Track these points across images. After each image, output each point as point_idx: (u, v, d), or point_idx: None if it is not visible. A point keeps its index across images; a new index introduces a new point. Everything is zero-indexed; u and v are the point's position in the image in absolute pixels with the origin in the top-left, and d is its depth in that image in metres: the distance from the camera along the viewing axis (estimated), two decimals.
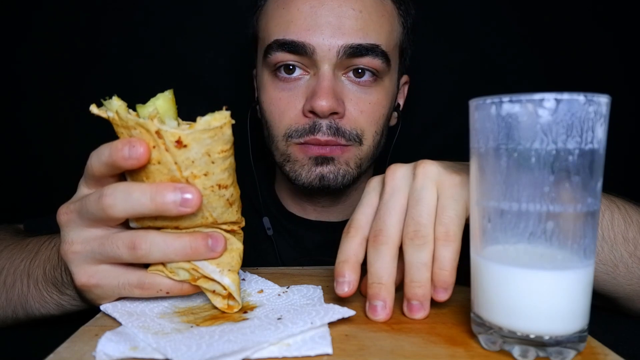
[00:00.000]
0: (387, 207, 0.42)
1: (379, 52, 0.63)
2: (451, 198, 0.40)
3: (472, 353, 0.36)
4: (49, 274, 0.52)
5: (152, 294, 0.42)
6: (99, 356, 0.34)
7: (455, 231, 0.40)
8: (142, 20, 0.97)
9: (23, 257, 0.56)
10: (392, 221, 0.41)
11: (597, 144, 0.33)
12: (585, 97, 0.32)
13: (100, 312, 0.44)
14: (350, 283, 0.42)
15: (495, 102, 0.33)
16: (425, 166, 0.42)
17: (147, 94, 1.05)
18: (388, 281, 0.41)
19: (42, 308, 0.53)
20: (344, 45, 0.61)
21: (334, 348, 0.36)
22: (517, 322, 0.34)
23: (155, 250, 0.39)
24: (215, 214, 0.41)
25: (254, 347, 0.35)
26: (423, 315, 0.41)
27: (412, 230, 0.40)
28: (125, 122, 0.38)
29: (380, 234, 0.41)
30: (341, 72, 0.64)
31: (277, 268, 0.59)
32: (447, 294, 0.40)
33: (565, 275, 0.33)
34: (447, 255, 0.39)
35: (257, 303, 0.45)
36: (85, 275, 0.42)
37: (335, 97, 0.62)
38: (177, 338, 0.36)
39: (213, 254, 0.40)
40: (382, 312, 0.41)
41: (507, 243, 0.34)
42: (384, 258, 0.41)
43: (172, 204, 0.37)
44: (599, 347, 0.37)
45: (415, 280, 0.40)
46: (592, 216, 0.33)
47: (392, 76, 0.69)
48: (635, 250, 0.48)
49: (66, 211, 0.42)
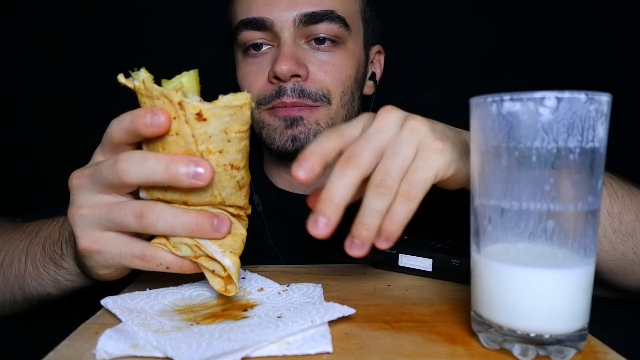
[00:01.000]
0: (368, 140, 0.41)
1: (335, 17, 0.67)
2: (426, 162, 0.40)
3: (472, 352, 0.36)
4: (47, 250, 0.53)
5: (152, 267, 0.42)
6: (99, 354, 0.34)
7: (417, 193, 0.40)
8: (142, 21, 0.97)
9: (22, 238, 0.57)
10: (368, 154, 0.40)
11: (598, 142, 0.33)
12: (587, 95, 0.31)
13: (101, 309, 0.44)
14: (311, 173, 0.40)
15: (496, 101, 0.33)
16: (415, 123, 0.41)
17: None
18: (340, 203, 0.40)
19: (39, 286, 0.54)
20: (298, 15, 0.66)
21: (334, 346, 0.36)
22: (518, 321, 0.34)
23: (161, 221, 0.40)
24: (225, 194, 0.41)
25: (254, 345, 0.35)
26: (359, 254, 0.41)
27: (380, 178, 0.40)
28: (150, 92, 0.39)
29: (353, 159, 0.40)
30: (302, 40, 0.68)
31: (277, 266, 0.59)
32: (388, 244, 0.41)
33: (566, 274, 0.33)
34: (401, 212, 0.40)
35: (257, 301, 0.45)
36: (89, 239, 0.42)
37: (295, 61, 0.66)
38: (177, 336, 0.36)
39: (217, 234, 0.41)
40: (324, 228, 0.39)
41: (508, 242, 0.34)
42: (347, 181, 0.40)
43: (185, 175, 0.38)
44: (599, 345, 0.37)
45: (365, 223, 0.40)
46: (592, 215, 0.33)
47: (356, 41, 0.72)
48: (619, 226, 0.49)
49: (79, 175, 0.42)
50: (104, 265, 0.43)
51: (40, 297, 0.55)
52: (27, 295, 0.55)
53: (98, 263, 0.43)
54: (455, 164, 0.42)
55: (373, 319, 0.42)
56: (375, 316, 0.43)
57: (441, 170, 0.41)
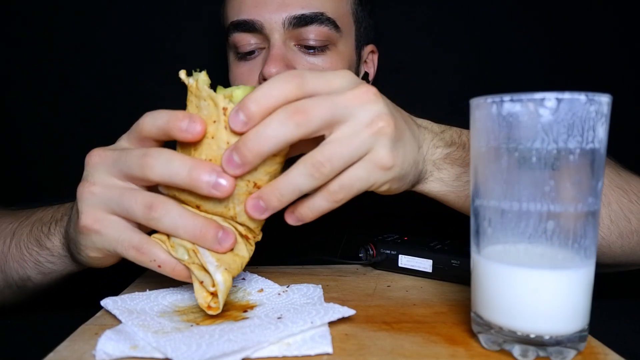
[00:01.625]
0: (330, 107, 0.38)
1: (325, 19, 0.66)
2: (367, 173, 0.39)
3: (472, 352, 0.36)
4: (34, 231, 0.53)
5: (145, 261, 0.41)
6: (99, 355, 0.34)
7: (343, 198, 0.40)
8: (140, 20, 0.97)
9: (11, 221, 0.57)
10: (321, 120, 0.37)
11: (598, 143, 0.33)
12: (587, 96, 0.31)
13: (101, 310, 0.44)
14: (248, 124, 0.37)
15: (496, 102, 0.33)
16: (384, 127, 0.39)
17: (146, 93, 1.05)
18: (263, 153, 0.37)
19: (20, 268, 0.54)
20: (288, 17, 0.65)
21: (334, 347, 0.36)
22: (518, 322, 0.34)
23: (168, 217, 0.40)
24: (238, 209, 0.41)
25: (254, 346, 0.35)
26: (257, 215, 0.40)
27: (319, 160, 0.37)
28: (199, 92, 0.40)
29: (302, 116, 0.37)
30: (292, 42, 0.67)
31: (277, 267, 0.59)
32: (296, 223, 0.41)
33: (566, 274, 0.33)
34: (322, 206, 0.40)
35: (257, 302, 0.45)
36: (92, 217, 0.41)
37: (285, 63, 0.65)
38: (177, 337, 0.36)
39: (217, 247, 0.40)
40: (235, 168, 0.38)
41: (508, 243, 0.34)
42: (282, 134, 0.37)
43: (206, 183, 0.38)
44: (600, 346, 0.37)
45: (281, 194, 0.38)
46: (592, 216, 0.33)
47: (347, 43, 0.71)
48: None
49: (100, 154, 0.42)
50: (98, 247, 0.42)
51: (21, 280, 0.55)
52: (8, 279, 0.55)
53: (93, 244, 0.42)
54: (390, 184, 0.42)
55: (373, 319, 0.42)
56: (375, 317, 0.43)
57: (376, 185, 0.41)
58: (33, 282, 0.55)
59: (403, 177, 0.43)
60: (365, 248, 0.60)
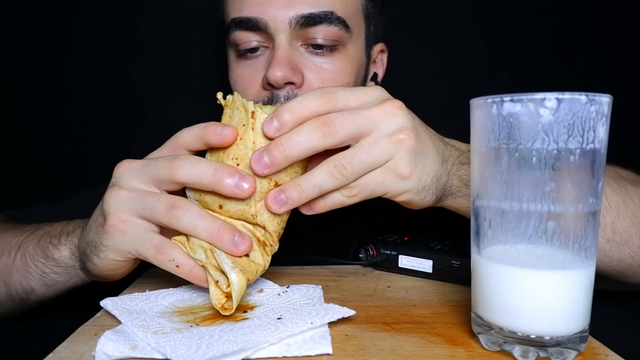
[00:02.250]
0: (356, 121, 0.41)
1: (334, 19, 0.62)
2: (384, 179, 0.43)
3: (473, 353, 0.36)
4: (42, 243, 0.54)
5: (163, 261, 0.43)
6: (99, 355, 0.34)
7: (357, 196, 0.43)
8: (140, 20, 0.97)
9: (17, 235, 0.58)
10: (347, 133, 0.41)
11: (599, 143, 0.33)
12: (587, 96, 0.31)
13: (100, 310, 0.44)
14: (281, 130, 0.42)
15: (497, 102, 0.33)
16: (404, 140, 0.42)
17: (146, 93, 1.05)
18: (291, 157, 0.41)
19: (24, 280, 0.54)
20: (295, 16, 0.60)
21: (334, 348, 0.36)
22: (518, 322, 0.34)
23: (188, 217, 0.42)
24: (259, 206, 0.43)
25: (254, 347, 0.35)
26: (276, 208, 0.43)
27: (342, 162, 0.41)
28: (233, 103, 0.44)
29: (330, 128, 0.41)
30: (299, 42, 0.63)
31: (277, 267, 0.59)
32: (309, 213, 0.45)
33: (566, 275, 0.33)
34: (336, 200, 0.43)
35: (257, 302, 0.45)
36: (118, 218, 0.43)
37: (290, 66, 0.61)
38: (176, 338, 0.36)
39: (233, 249, 0.41)
40: (264, 168, 0.41)
41: (508, 243, 0.34)
42: (311, 143, 0.41)
43: (228, 183, 0.41)
44: (600, 347, 0.37)
45: (302, 189, 0.42)
46: (593, 216, 0.33)
47: (357, 43, 0.67)
48: (614, 235, 0.48)
49: (129, 162, 0.45)
50: (120, 248, 0.44)
51: (24, 293, 0.55)
52: (11, 291, 0.55)
53: (116, 244, 0.44)
54: (410, 195, 0.44)
55: (373, 320, 0.42)
56: (375, 317, 0.43)
57: (391, 193, 0.44)
58: (36, 295, 0.55)
59: (423, 189, 0.45)
60: (365, 248, 0.60)
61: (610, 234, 0.48)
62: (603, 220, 0.47)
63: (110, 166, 0.47)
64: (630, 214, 0.49)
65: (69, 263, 0.52)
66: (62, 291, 0.55)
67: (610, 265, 0.49)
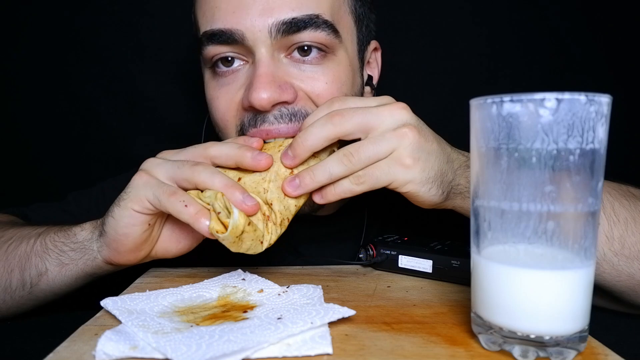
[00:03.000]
0: (363, 115, 0.46)
1: (321, 23, 0.54)
2: (388, 168, 0.46)
3: (473, 353, 0.36)
4: (65, 228, 0.56)
5: (174, 201, 0.46)
6: (99, 355, 0.34)
7: (364, 184, 0.46)
8: (142, 21, 0.97)
9: (36, 227, 0.59)
10: (354, 124, 0.46)
11: (598, 143, 0.33)
12: (587, 97, 0.31)
13: (100, 310, 0.44)
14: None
15: (496, 102, 0.33)
16: (407, 132, 0.45)
17: (147, 94, 1.05)
18: (310, 147, 0.47)
19: (40, 262, 0.55)
20: (275, 23, 0.52)
21: (334, 348, 0.36)
22: (518, 322, 0.34)
23: (208, 172, 0.46)
24: (272, 185, 0.48)
25: (254, 346, 0.35)
26: (291, 192, 0.47)
27: (350, 151, 0.46)
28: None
29: (339, 117, 0.46)
30: (283, 53, 0.55)
31: (277, 267, 0.59)
32: (320, 202, 0.48)
33: (566, 275, 0.33)
34: (345, 187, 0.47)
35: (257, 302, 0.45)
36: (148, 172, 0.49)
37: (277, 84, 0.53)
38: (177, 337, 0.36)
39: (241, 200, 0.44)
40: (291, 161, 0.48)
41: (508, 243, 0.34)
42: (324, 132, 0.46)
43: (249, 156, 0.48)
44: (600, 347, 0.37)
45: (315, 174, 0.46)
46: (592, 216, 0.33)
47: (349, 48, 0.60)
48: (622, 249, 0.47)
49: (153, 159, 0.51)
50: (140, 195, 0.47)
51: (37, 275, 0.55)
52: (25, 276, 0.56)
53: (137, 191, 0.48)
54: (414, 185, 0.46)
55: (373, 320, 0.42)
56: (375, 317, 0.43)
57: (396, 182, 0.46)
58: (48, 277, 0.55)
59: (427, 181, 0.46)
60: (365, 248, 0.60)
61: (618, 247, 0.48)
62: (611, 234, 0.48)
63: (111, 166, 0.47)
64: None
65: (87, 237, 0.54)
66: (73, 275, 0.55)
67: (619, 280, 0.49)
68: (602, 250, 0.48)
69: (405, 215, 0.67)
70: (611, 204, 0.49)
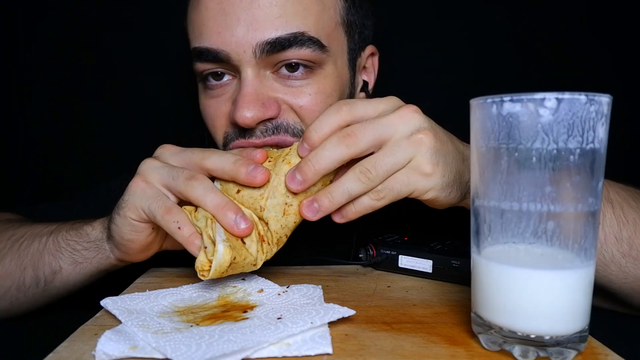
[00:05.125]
0: (376, 128, 0.44)
1: (306, 40, 0.55)
2: (408, 178, 0.44)
3: (473, 353, 0.36)
4: (76, 226, 0.57)
5: (169, 221, 0.46)
6: (99, 355, 0.34)
7: (385, 198, 0.44)
8: (143, 22, 0.97)
9: (48, 225, 0.60)
10: (369, 141, 0.43)
11: (599, 143, 0.33)
12: (587, 96, 0.31)
13: (100, 310, 0.44)
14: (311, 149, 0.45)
15: (496, 102, 0.33)
16: (423, 138, 0.44)
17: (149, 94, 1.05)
18: (321, 171, 0.44)
19: (54, 260, 0.56)
20: (259, 43, 0.53)
21: (334, 348, 0.36)
22: (518, 322, 0.34)
23: (201, 188, 0.46)
24: (269, 203, 0.46)
25: (254, 346, 0.35)
26: (311, 216, 0.46)
27: (367, 167, 0.43)
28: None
29: (352, 139, 0.43)
30: (269, 70, 0.56)
31: (277, 267, 0.59)
32: (341, 221, 0.47)
33: (566, 275, 0.33)
34: (365, 204, 0.45)
35: (257, 302, 0.45)
36: (144, 179, 0.48)
37: (261, 102, 0.55)
38: (176, 337, 0.36)
39: (232, 225, 0.44)
40: (299, 185, 0.45)
41: (508, 243, 0.34)
42: (336, 155, 0.44)
43: (244, 172, 0.46)
44: (600, 347, 0.37)
45: (333, 196, 0.44)
46: (592, 216, 0.33)
47: (337, 59, 0.60)
48: (630, 250, 0.47)
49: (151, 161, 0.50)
50: (136, 204, 0.47)
51: (51, 273, 0.57)
52: (39, 274, 0.57)
53: (133, 200, 0.48)
54: (435, 192, 0.45)
55: (373, 320, 0.42)
56: (375, 317, 0.43)
57: (417, 191, 0.45)
58: (62, 275, 0.57)
59: (447, 186, 0.45)
60: (365, 248, 0.60)
61: (626, 248, 0.47)
62: (619, 235, 0.47)
63: (112, 166, 0.48)
64: None
65: (99, 236, 0.55)
66: (87, 272, 0.57)
67: (626, 282, 0.49)
68: (611, 252, 0.47)
69: (405, 214, 0.67)
70: (620, 205, 0.48)
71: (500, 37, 0.99)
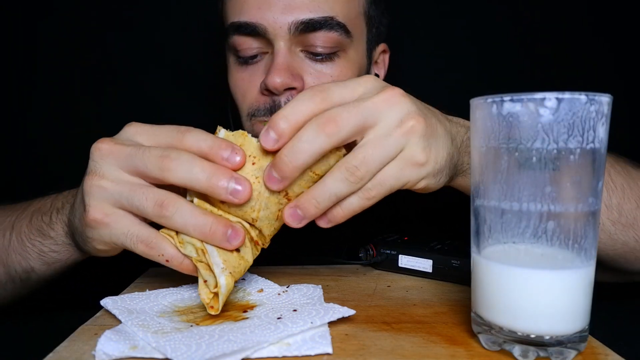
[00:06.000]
0: (359, 112, 0.38)
1: (335, 24, 0.61)
2: (400, 171, 0.40)
3: (473, 353, 0.36)
4: (34, 221, 0.53)
5: (153, 255, 0.41)
6: (99, 355, 0.34)
7: (377, 196, 0.40)
8: (144, 22, 0.97)
9: (9, 215, 0.58)
10: (352, 126, 0.38)
11: (599, 143, 0.33)
12: (587, 96, 0.31)
13: (100, 310, 0.44)
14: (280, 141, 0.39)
15: (496, 101, 0.33)
16: (414, 125, 0.40)
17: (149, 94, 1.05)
18: (300, 167, 0.38)
19: (23, 260, 0.54)
20: (294, 22, 0.59)
21: (334, 347, 0.36)
22: (518, 322, 0.34)
23: (178, 216, 0.39)
24: (262, 214, 0.42)
25: (254, 346, 0.35)
26: (295, 224, 0.41)
27: (355, 164, 0.39)
28: None
29: (332, 125, 0.38)
30: (299, 48, 0.62)
31: (277, 267, 0.59)
32: (327, 226, 0.42)
33: (566, 275, 0.33)
34: (354, 205, 0.41)
35: (257, 302, 0.45)
36: (101, 211, 0.41)
37: (290, 72, 0.60)
38: (176, 337, 0.36)
39: (227, 244, 0.40)
40: (277, 184, 0.39)
41: (508, 243, 0.34)
42: (316, 146, 0.38)
43: (224, 189, 0.39)
44: (600, 347, 0.37)
45: (318, 201, 0.40)
46: (593, 216, 0.33)
47: (358, 47, 0.66)
48: (619, 217, 0.47)
49: (110, 146, 0.41)
50: (106, 241, 0.42)
51: (24, 272, 0.55)
52: (11, 272, 0.55)
53: (100, 237, 0.42)
54: (427, 180, 0.42)
55: (373, 320, 0.42)
56: (375, 317, 0.43)
57: (410, 182, 0.42)
58: (37, 274, 0.55)
59: (439, 172, 0.43)
60: (365, 248, 0.60)
61: (616, 215, 0.47)
62: (609, 202, 0.47)
63: None
64: (635, 196, 0.48)
65: (66, 241, 0.52)
66: (63, 268, 0.55)
67: (614, 248, 0.49)
68: (601, 220, 0.47)
69: (405, 213, 0.67)
70: (607, 171, 0.48)
71: (503, 37, 0.99)
